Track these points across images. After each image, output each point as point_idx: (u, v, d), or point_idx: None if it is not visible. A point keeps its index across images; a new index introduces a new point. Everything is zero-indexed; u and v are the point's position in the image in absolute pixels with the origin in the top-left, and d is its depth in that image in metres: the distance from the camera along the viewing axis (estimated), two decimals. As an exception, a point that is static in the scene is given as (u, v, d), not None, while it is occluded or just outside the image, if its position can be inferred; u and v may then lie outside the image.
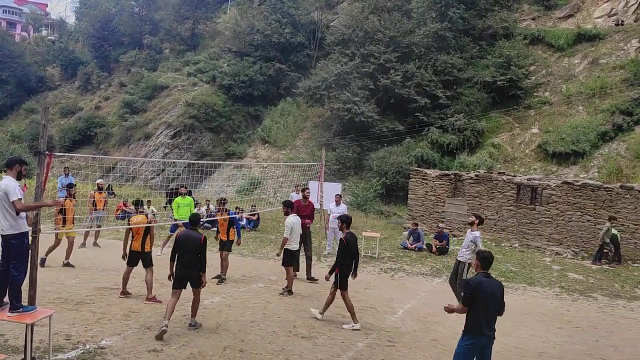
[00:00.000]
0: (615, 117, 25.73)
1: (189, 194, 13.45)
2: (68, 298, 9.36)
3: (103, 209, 15.02)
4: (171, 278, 8.11)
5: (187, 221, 13.72)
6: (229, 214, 11.74)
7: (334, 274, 8.83)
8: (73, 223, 12.09)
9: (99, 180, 15.63)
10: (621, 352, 8.57)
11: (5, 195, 6.07)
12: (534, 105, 29.51)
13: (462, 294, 6.15)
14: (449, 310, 6.17)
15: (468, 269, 9.98)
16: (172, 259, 8.10)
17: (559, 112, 28.39)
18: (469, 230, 10.27)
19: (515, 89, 29.84)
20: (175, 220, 14.37)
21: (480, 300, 5.92)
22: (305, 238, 12.16)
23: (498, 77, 29.68)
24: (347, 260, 8.77)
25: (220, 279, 11.26)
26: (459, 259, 10.26)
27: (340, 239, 8.96)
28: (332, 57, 35.26)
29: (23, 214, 6.22)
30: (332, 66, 33.40)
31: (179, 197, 14.71)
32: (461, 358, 5.99)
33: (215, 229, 18.74)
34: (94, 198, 14.58)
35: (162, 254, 14.08)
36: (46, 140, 6.37)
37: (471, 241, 9.99)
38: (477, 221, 10.12)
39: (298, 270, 11.74)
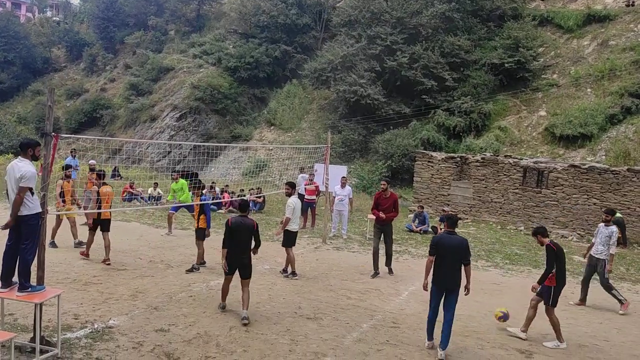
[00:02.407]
0: (624, 99, 25.47)
1: (186, 176, 13.19)
2: (76, 278, 9.47)
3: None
4: (226, 266, 7.93)
5: (187, 204, 13.90)
6: (201, 199, 10.82)
7: (546, 287, 7.98)
8: (72, 204, 12.12)
9: (91, 161, 15.68)
10: (625, 334, 8.61)
11: (21, 179, 6.11)
12: (541, 87, 29.24)
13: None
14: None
15: (605, 265, 9.88)
16: (225, 246, 7.91)
17: (567, 94, 28.14)
18: (602, 225, 10.04)
19: (523, 71, 29.56)
20: (179, 201, 14.41)
21: (441, 254, 7.16)
22: (385, 234, 11.27)
23: (506, 59, 29.39)
24: (560, 270, 7.87)
25: (192, 267, 10.62)
26: (596, 256, 10.03)
27: (548, 245, 7.99)
28: (338, 39, 34.99)
29: (36, 197, 6.26)
30: (338, 48, 33.14)
31: (173, 184, 14.73)
32: (430, 297, 7.35)
33: (221, 210, 18.92)
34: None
35: (169, 234, 14.18)
36: (52, 122, 6.37)
37: (607, 236, 9.89)
38: (611, 218, 10.04)
39: (378, 272, 11.24)
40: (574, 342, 8.04)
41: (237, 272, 7.99)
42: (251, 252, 8.08)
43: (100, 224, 10.74)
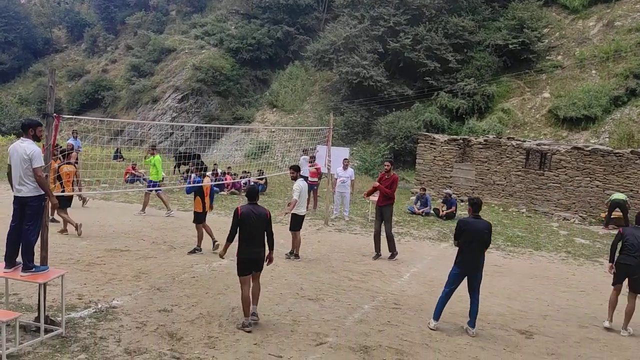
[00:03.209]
0: (629, 81, 25.28)
1: (187, 158, 13.05)
2: (79, 259, 9.52)
3: None
4: (224, 253, 7.13)
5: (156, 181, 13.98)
6: (195, 181, 10.73)
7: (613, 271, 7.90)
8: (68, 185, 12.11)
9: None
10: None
11: (29, 160, 6.09)
12: (546, 69, 29.01)
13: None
14: None
15: None
16: (230, 239, 6.95)
17: (571, 76, 27.92)
18: None
19: (528, 52, 29.30)
20: (153, 181, 14.46)
21: (468, 239, 7.23)
22: (383, 217, 11.13)
23: (510, 40, 29.11)
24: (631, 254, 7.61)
25: (194, 249, 10.66)
26: None
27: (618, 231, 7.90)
28: (341, 20, 34.66)
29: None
30: (341, 29, 32.85)
31: (150, 158, 14.74)
32: (450, 280, 7.42)
33: (223, 192, 18.95)
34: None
35: (141, 213, 14.17)
36: (53, 103, 6.35)
37: None
38: None
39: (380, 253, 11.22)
40: (574, 323, 8.09)
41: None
42: (265, 246, 7.09)
43: (64, 200, 11.07)
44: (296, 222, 10.63)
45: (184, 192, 18.26)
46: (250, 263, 6.91)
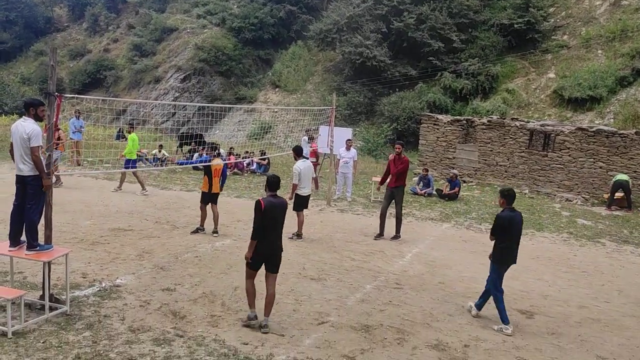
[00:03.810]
0: (635, 61, 25.03)
1: (190, 137, 12.85)
2: (83, 238, 9.58)
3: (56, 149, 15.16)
4: (250, 257, 6.33)
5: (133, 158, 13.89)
6: (201, 159, 10.59)
7: None
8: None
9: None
10: (626, 295, 8.69)
11: (28, 139, 6.11)
12: (551, 49, 28.73)
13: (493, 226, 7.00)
14: None
15: None
16: (257, 236, 6.22)
17: (577, 56, 27.65)
18: None
19: (533, 32, 28.99)
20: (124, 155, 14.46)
21: (512, 234, 6.86)
22: (396, 198, 11.05)
23: (515, 20, 28.80)
24: None
25: (197, 229, 10.65)
26: None
27: None
28: (344, -1, 34.30)
29: (40, 157, 6.26)
30: (344, 8, 32.52)
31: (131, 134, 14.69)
32: (500, 282, 7.00)
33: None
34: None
35: (117, 190, 14.23)
36: (55, 82, 6.32)
37: None
38: None
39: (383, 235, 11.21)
40: (575, 303, 8.13)
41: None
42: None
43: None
44: (299, 202, 10.68)
45: (187, 173, 18.30)
46: (267, 258, 6.33)
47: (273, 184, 6.52)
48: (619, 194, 16.25)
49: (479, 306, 7.25)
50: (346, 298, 7.59)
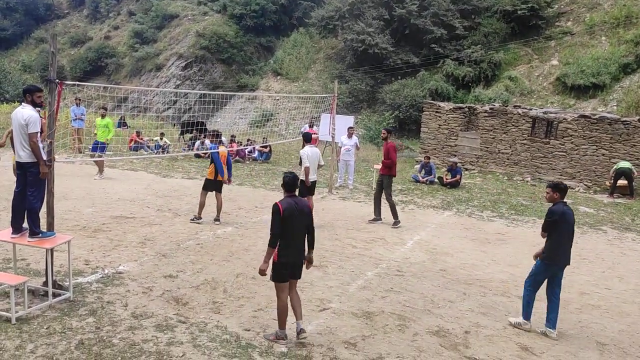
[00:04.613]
0: (639, 48, 24.85)
1: (190, 125, 12.65)
2: (85, 226, 9.62)
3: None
4: (270, 269, 5.69)
5: (104, 143, 13.78)
6: (209, 147, 10.56)
7: None
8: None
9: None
10: (627, 282, 8.71)
11: (26, 125, 6.12)
12: (554, 35, 28.53)
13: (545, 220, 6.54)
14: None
15: None
16: (274, 243, 5.59)
17: (580, 43, 27.46)
18: None
19: (536, 18, 28.79)
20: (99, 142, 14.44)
21: (564, 229, 6.42)
22: (382, 186, 11.46)
23: (519, 6, 28.58)
24: None
25: (195, 217, 10.56)
26: None
27: None
28: (346, -15, 34.03)
29: (40, 144, 6.27)
30: (346, -6, 32.30)
31: (98, 119, 14.60)
32: (537, 279, 6.60)
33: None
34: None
35: (98, 178, 14.16)
36: (56, 69, 6.30)
37: None
38: None
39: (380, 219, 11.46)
40: (576, 289, 8.15)
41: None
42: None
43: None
44: (303, 188, 10.62)
45: (188, 160, 18.32)
46: (291, 268, 5.71)
47: (290, 183, 5.79)
48: (621, 182, 16.22)
49: (553, 324, 6.50)
50: (348, 285, 7.62)
